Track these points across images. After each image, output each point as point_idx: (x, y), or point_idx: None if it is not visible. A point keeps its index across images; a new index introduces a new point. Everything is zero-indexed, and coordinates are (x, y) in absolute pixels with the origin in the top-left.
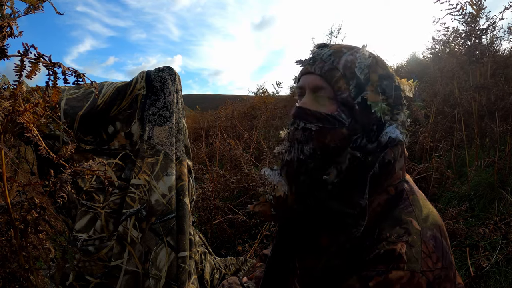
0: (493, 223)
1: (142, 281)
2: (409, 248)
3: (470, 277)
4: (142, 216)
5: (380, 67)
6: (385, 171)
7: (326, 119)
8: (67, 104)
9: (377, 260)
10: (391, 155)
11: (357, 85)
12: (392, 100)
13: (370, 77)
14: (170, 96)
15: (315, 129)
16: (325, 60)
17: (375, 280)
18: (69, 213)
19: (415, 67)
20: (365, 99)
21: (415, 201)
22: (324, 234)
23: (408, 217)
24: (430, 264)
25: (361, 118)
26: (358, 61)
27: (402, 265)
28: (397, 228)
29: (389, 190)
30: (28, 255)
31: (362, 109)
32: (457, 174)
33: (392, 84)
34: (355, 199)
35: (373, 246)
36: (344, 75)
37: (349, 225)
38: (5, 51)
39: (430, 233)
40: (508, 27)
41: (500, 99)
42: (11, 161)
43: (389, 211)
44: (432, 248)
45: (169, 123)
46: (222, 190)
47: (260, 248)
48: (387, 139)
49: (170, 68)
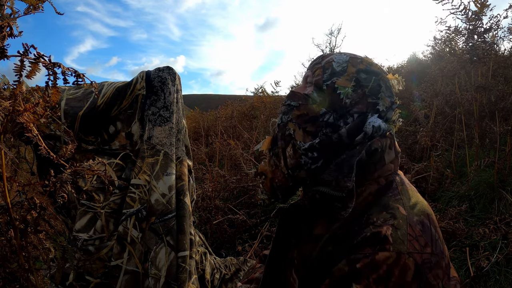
0: (493, 223)
1: (142, 280)
2: (395, 231)
3: (470, 277)
4: (142, 216)
5: (364, 64)
6: (373, 160)
7: (304, 98)
8: (67, 104)
9: (364, 243)
10: (378, 144)
11: (331, 73)
12: (368, 90)
13: (347, 69)
14: (170, 96)
15: (295, 105)
16: (316, 59)
17: (362, 262)
18: (69, 213)
19: (415, 67)
20: (334, 82)
21: (404, 191)
22: (319, 223)
23: (395, 204)
24: (417, 246)
25: (331, 98)
26: (336, 59)
27: (388, 246)
28: (383, 213)
29: (380, 181)
30: (28, 255)
31: (331, 90)
32: (457, 174)
33: (372, 77)
34: (343, 182)
35: (361, 230)
36: (323, 66)
37: (338, 208)
38: (5, 51)
39: (416, 218)
40: (508, 27)
41: (500, 100)
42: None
43: (379, 199)
44: (419, 232)
45: (169, 123)
46: (222, 190)
47: (260, 248)
48: (371, 128)
49: (170, 68)
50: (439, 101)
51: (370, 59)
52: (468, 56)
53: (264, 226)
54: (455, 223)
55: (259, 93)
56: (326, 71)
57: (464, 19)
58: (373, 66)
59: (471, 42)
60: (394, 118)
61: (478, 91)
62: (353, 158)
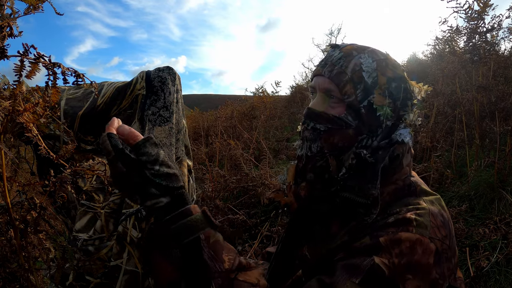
0: (493, 223)
1: (142, 281)
2: (418, 216)
3: (470, 277)
4: (142, 216)
5: (390, 69)
6: (394, 165)
7: (333, 121)
8: (67, 104)
9: (388, 225)
10: (400, 150)
11: (364, 89)
12: (400, 102)
13: (379, 80)
14: (170, 96)
15: (324, 129)
16: (334, 63)
17: (385, 237)
18: (69, 213)
19: (415, 67)
20: (372, 102)
21: (422, 190)
22: (333, 222)
23: (415, 200)
24: (438, 234)
25: (368, 120)
26: (365, 66)
27: (411, 229)
28: (406, 207)
29: (398, 183)
30: (28, 255)
31: (368, 112)
32: (457, 174)
33: (401, 85)
34: (368, 189)
35: (383, 219)
36: (351, 79)
37: (360, 214)
38: (5, 51)
39: (437, 211)
40: (508, 27)
41: (500, 100)
42: (11, 161)
43: (399, 198)
44: (440, 223)
45: (169, 123)
46: (222, 190)
47: (260, 248)
48: (400, 140)
49: (170, 68)
50: (439, 101)
51: (391, 58)
52: (469, 56)
53: (264, 226)
54: (455, 223)
55: (259, 93)
56: (358, 86)
57: (466, 18)
58: (397, 68)
59: (472, 42)
60: (414, 119)
61: (479, 91)
62: (377, 164)
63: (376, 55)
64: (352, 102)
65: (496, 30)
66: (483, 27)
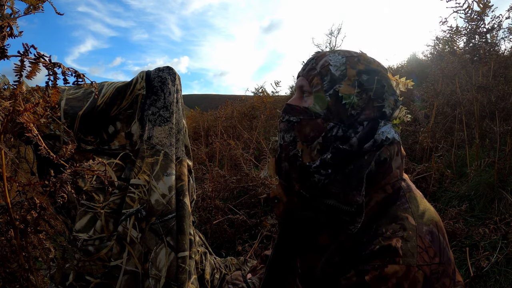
0: (493, 223)
1: (142, 281)
2: (405, 243)
3: (470, 277)
4: (142, 216)
5: (362, 63)
6: (381, 170)
7: (304, 112)
8: (67, 104)
9: (373, 255)
10: (387, 153)
11: (331, 80)
12: (373, 93)
13: (347, 72)
14: (170, 96)
15: (296, 120)
16: (308, 63)
17: (371, 274)
18: (69, 213)
19: (415, 67)
20: (337, 91)
21: (411, 198)
22: (323, 233)
23: (404, 213)
24: (426, 259)
25: (335, 108)
26: (333, 61)
27: (397, 259)
28: (393, 224)
29: (387, 189)
30: (28, 255)
31: (335, 101)
32: (457, 174)
33: (374, 77)
34: (353, 196)
35: (370, 242)
36: (319, 73)
37: (346, 222)
38: (5, 51)
39: (426, 228)
40: (508, 27)
41: (500, 100)
42: (11, 161)
43: (386, 209)
44: (428, 243)
45: (169, 123)
46: (222, 190)
47: (260, 248)
48: (383, 138)
49: (170, 68)
50: (439, 101)
51: (366, 55)
52: (469, 56)
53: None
54: (455, 223)
55: (259, 93)
56: (325, 78)
57: (466, 18)
58: (371, 63)
59: (472, 42)
60: (401, 115)
61: (479, 91)
62: (362, 169)
63: (349, 53)
64: (318, 91)
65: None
66: (483, 27)
